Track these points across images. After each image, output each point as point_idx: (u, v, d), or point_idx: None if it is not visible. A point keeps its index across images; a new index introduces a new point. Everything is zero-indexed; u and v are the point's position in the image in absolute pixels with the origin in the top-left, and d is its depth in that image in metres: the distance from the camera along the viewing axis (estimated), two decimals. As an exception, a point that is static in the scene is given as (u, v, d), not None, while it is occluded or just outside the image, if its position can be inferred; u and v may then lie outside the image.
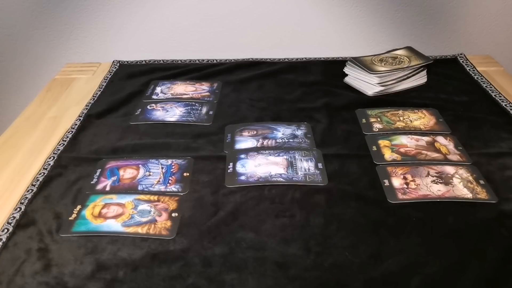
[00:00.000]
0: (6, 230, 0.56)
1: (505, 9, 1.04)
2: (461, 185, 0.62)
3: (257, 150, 0.70)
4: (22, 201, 0.61)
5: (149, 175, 0.65)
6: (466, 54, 1.00)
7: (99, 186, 0.63)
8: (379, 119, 0.77)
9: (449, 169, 0.65)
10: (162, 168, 0.66)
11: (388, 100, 0.83)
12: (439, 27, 1.06)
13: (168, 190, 0.62)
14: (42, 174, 0.66)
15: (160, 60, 1.01)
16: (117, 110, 0.82)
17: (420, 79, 0.88)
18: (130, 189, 0.62)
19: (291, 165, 0.66)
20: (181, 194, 0.62)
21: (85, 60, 1.13)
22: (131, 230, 0.56)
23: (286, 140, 0.72)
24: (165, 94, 0.87)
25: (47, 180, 0.65)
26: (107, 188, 0.63)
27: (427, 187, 0.62)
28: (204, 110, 0.81)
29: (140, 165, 0.67)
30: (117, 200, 0.60)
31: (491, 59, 1.00)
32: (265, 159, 0.67)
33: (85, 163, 0.68)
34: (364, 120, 0.77)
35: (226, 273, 0.50)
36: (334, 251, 0.53)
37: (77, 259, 0.52)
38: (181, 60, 1.01)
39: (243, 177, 0.64)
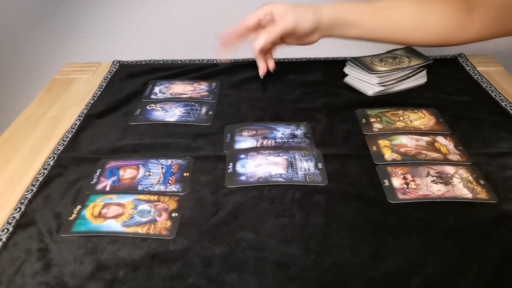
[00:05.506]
0: (6, 230, 0.56)
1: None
2: (461, 185, 0.62)
3: (257, 150, 0.70)
4: (22, 201, 0.61)
5: (149, 175, 0.65)
6: (466, 54, 1.00)
7: (99, 186, 0.63)
8: (379, 119, 0.77)
9: (449, 169, 0.65)
10: (162, 168, 0.66)
11: (388, 100, 0.83)
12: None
13: (168, 190, 0.62)
14: (42, 174, 0.66)
15: (160, 60, 1.01)
16: (117, 110, 0.82)
17: (420, 79, 0.88)
18: (130, 189, 0.62)
19: (291, 165, 0.66)
20: (181, 194, 0.62)
21: (85, 60, 1.13)
22: (131, 230, 0.56)
23: (286, 140, 0.72)
24: (164, 94, 0.87)
25: (47, 180, 0.65)
26: (107, 188, 0.63)
27: (427, 187, 0.62)
28: (204, 110, 0.81)
29: (140, 165, 0.67)
30: (117, 200, 0.60)
31: (491, 59, 1.00)
32: (265, 159, 0.67)
33: (85, 163, 0.68)
34: (364, 120, 0.77)
35: (226, 273, 0.50)
36: (334, 251, 0.53)
37: (77, 259, 0.52)
38: (181, 60, 1.01)
39: (243, 177, 0.64)
